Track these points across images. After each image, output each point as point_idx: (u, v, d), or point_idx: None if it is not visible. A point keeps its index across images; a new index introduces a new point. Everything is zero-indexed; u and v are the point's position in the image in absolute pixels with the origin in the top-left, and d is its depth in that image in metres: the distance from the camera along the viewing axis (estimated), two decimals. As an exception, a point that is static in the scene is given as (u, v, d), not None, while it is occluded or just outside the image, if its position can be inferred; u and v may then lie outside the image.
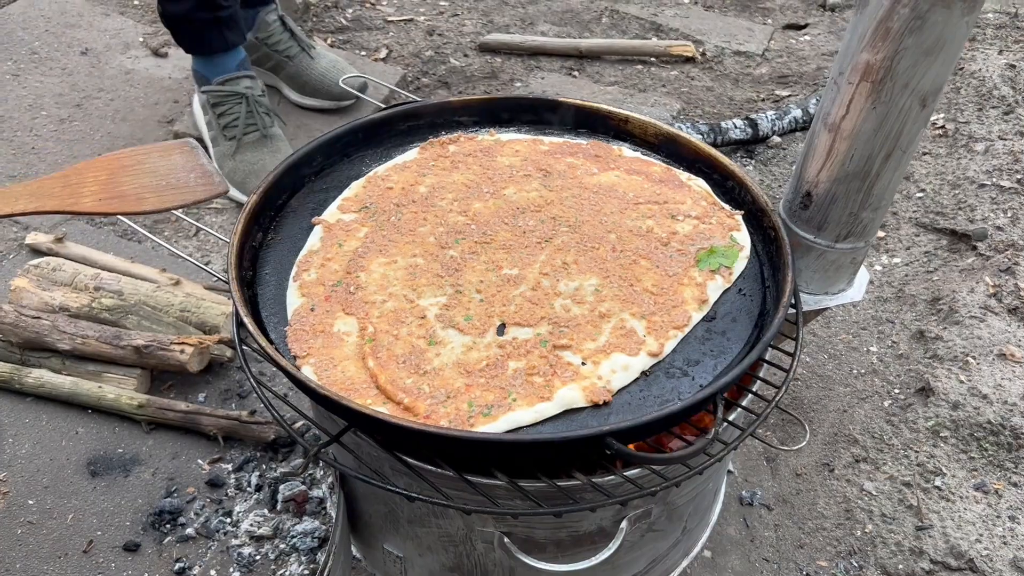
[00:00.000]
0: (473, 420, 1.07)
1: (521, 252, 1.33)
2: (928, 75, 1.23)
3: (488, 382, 1.12)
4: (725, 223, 1.40)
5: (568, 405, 1.10)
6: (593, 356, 1.16)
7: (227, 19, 2.31)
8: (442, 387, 1.12)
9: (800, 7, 3.61)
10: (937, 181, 2.43)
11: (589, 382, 1.12)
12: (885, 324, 2.06)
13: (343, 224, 1.39)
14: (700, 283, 1.29)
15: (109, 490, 1.68)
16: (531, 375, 1.13)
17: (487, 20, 3.29)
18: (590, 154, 1.55)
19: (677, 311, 1.24)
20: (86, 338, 1.82)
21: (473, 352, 1.16)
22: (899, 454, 1.75)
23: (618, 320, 1.21)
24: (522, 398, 1.10)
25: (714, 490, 1.47)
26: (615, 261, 1.31)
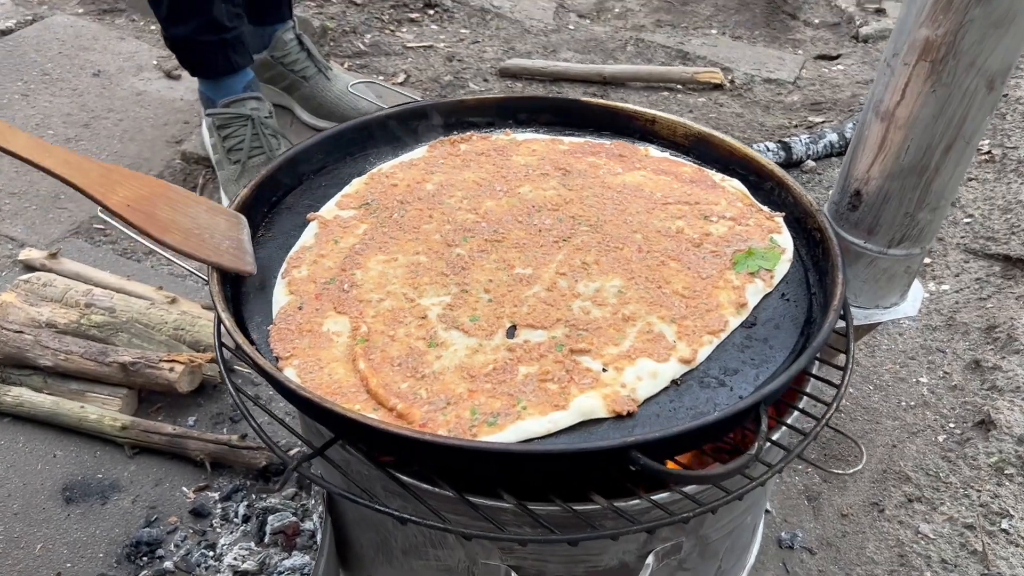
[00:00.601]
0: (476, 429, 0.92)
1: (536, 251, 1.19)
2: (997, 51, 1.09)
3: (495, 388, 0.98)
4: (764, 225, 1.26)
5: (586, 415, 0.95)
6: (616, 362, 1.01)
7: (232, 41, 2.22)
8: (441, 392, 0.97)
9: (832, 38, 3.50)
10: (986, 206, 2.28)
11: (611, 390, 0.97)
12: (935, 354, 1.89)
13: (340, 221, 1.26)
14: (738, 286, 1.14)
15: (84, 518, 1.54)
16: (544, 381, 0.98)
17: (508, 47, 3.21)
18: (614, 154, 1.42)
19: (712, 315, 1.09)
20: (70, 354, 1.70)
21: (479, 355, 1.02)
22: (958, 493, 1.57)
23: (644, 324, 1.06)
24: (533, 406, 0.95)
25: (752, 526, 1.30)
26: (641, 262, 1.17)
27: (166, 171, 2.43)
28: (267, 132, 2.29)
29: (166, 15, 2.15)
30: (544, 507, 0.96)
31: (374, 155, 1.45)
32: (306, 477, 1.11)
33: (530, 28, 3.38)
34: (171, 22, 2.16)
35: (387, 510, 0.94)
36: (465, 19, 3.38)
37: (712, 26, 3.55)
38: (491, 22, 3.38)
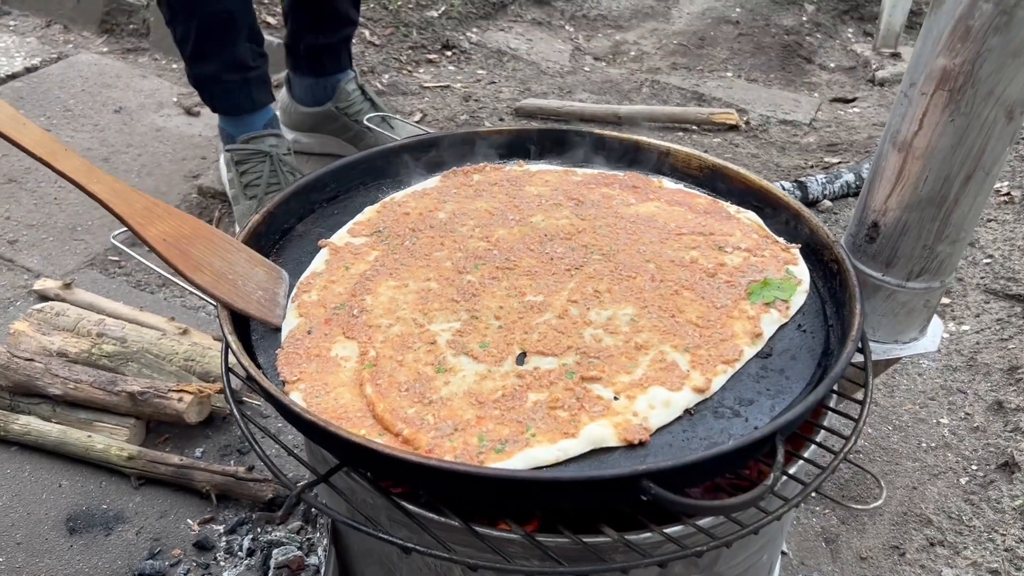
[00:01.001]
0: (484, 456, 0.90)
1: (547, 279, 1.18)
2: (1016, 81, 1.07)
3: (503, 415, 0.96)
4: (780, 256, 1.24)
5: (596, 444, 0.93)
6: (628, 390, 0.99)
7: (255, 80, 2.25)
8: (449, 418, 0.95)
9: (848, 82, 3.51)
10: (1006, 247, 2.25)
11: (622, 418, 0.95)
12: (956, 394, 1.85)
13: (352, 248, 1.25)
14: (752, 316, 1.12)
15: (87, 549, 1.51)
16: (554, 408, 0.96)
17: (524, 88, 3.23)
18: (627, 185, 1.41)
19: (726, 344, 1.07)
20: (79, 383, 1.69)
21: (488, 381, 1.00)
22: (982, 537, 1.52)
23: (657, 352, 1.04)
24: (542, 433, 0.93)
25: (768, 566, 1.26)
26: (654, 291, 1.15)
27: (182, 204, 2.44)
28: (285, 169, 2.30)
29: (191, 54, 2.17)
30: (553, 538, 0.94)
31: (387, 184, 1.44)
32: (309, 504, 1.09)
33: (546, 70, 3.40)
34: (196, 61, 2.19)
35: (391, 539, 0.91)
36: (482, 60, 3.41)
37: (728, 69, 3.57)
38: (507, 63, 3.41)
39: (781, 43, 3.73)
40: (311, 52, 2.48)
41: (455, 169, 1.45)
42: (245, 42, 2.17)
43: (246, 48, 2.18)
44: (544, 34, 3.70)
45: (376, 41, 3.35)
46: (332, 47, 2.50)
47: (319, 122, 2.61)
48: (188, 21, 2.11)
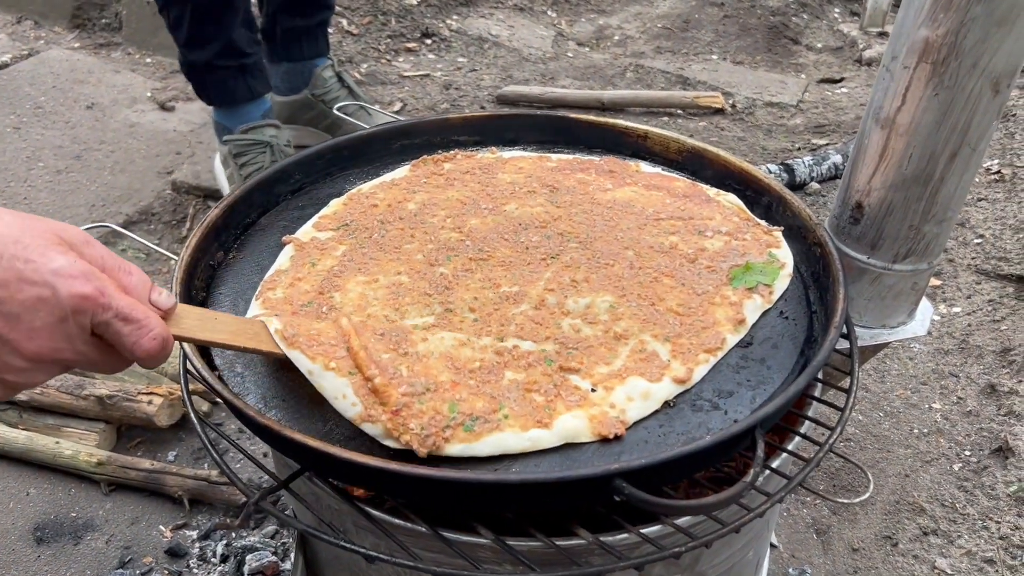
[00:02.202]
0: (451, 432, 0.86)
1: (523, 269, 1.12)
2: (1001, 51, 1.03)
3: (478, 386, 0.92)
4: (762, 240, 1.19)
5: (569, 438, 0.88)
6: (605, 381, 0.94)
7: (252, 67, 2.17)
8: (423, 375, 0.91)
9: (835, 62, 3.45)
10: (997, 226, 2.20)
11: (598, 410, 0.90)
12: (948, 378, 1.81)
13: (318, 243, 1.20)
14: (735, 302, 1.07)
15: (55, 559, 1.46)
16: (530, 391, 0.92)
17: (506, 75, 3.17)
18: (603, 170, 1.36)
19: (708, 332, 1.02)
20: (45, 388, 1.64)
21: (466, 349, 0.97)
22: (976, 525, 1.48)
23: (637, 342, 1.00)
24: (515, 417, 0.89)
25: (755, 562, 1.22)
26: (633, 279, 1.10)
27: (156, 201, 2.39)
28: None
29: (186, 39, 2.10)
30: (524, 542, 0.89)
31: (355, 175, 1.39)
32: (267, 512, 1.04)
33: (528, 56, 3.35)
34: (191, 47, 2.11)
35: (352, 547, 0.86)
36: (463, 48, 3.35)
37: (713, 52, 3.51)
38: (489, 51, 3.35)
39: (767, 24, 3.67)
40: (288, 35, 2.41)
41: (425, 157, 1.40)
42: (241, 27, 2.10)
43: (242, 33, 2.11)
44: (526, 20, 3.64)
45: (354, 30, 3.29)
46: (309, 30, 2.44)
47: (295, 111, 2.54)
48: (183, 4, 2.04)
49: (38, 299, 0.71)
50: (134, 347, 0.77)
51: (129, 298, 0.76)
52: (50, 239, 0.72)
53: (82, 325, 0.74)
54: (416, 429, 0.85)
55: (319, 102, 2.52)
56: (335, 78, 2.52)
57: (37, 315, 0.71)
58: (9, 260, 0.70)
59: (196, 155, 2.58)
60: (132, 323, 0.76)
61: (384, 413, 0.87)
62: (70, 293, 0.72)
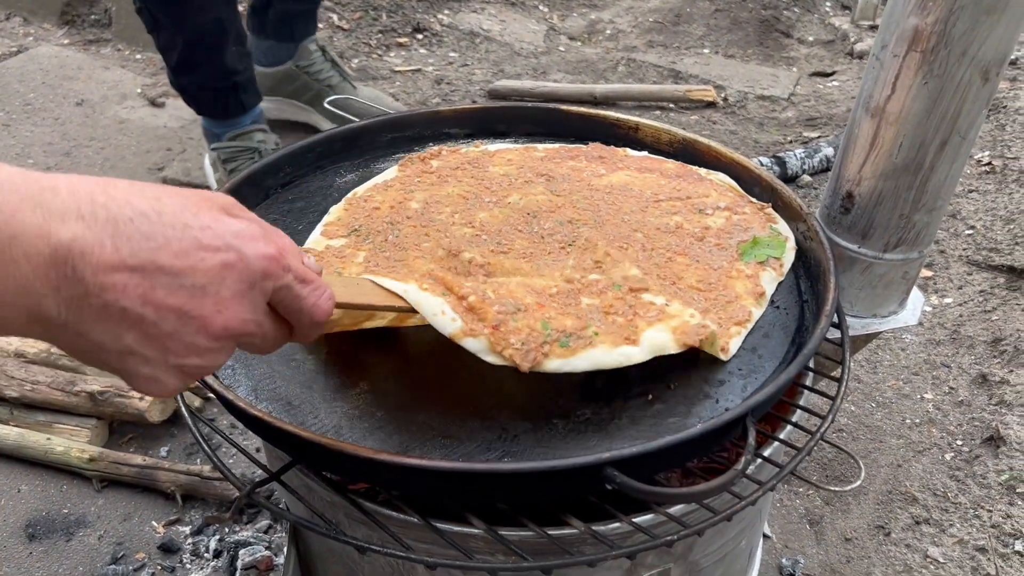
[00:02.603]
0: (548, 348, 0.87)
1: (544, 259, 1.09)
2: (990, 40, 1.03)
3: (562, 308, 0.93)
4: (760, 215, 1.20)
5: (658, 351, 0.90)
6: (677, 296, 0.98)
7: (244, 83, 2.16)
8: (509, 297, 0.91)
9: (827, 55, 3.46)
10: (988, 217, 2.21)
11: (679, 321, 0.93)
12: (940, 369, 1.81)
13: (334, 251, 1.14)
14: (751, 275, 1.08)
15: (47, 556, 1.46)
16: (608, 314, 0.94)
17: (498, 70, 3.17)
18: (593, 156, 1.35)
19: (733, 306, 1.03)
20: (36, 384, 1.63)
21: (539, 279, 0.97)
22: (968, 514, 1.48)
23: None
24: (604, 334, 0.90)
25: (748, 551, 1.22)
26: (648, 260, 1.09)
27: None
28: None
29: (176, 64, 2.08)
30: (516, 532, 0.89)
31: (345, 168, 1.39)
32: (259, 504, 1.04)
33: (520, 51, 3.34)
34: (181, 72, 2.10)
35: (344, 538, 0.86)
36: (454, 43, 3.35)
37: (704, 46, 3.51)
38: (480, 45, 3.35)
39: (758, 18, 3.67)
40: (282, 17, 2.39)
41: (411, 156, 1.39)
42: (232, 46, 2.09)
43: (233, 53, 2.09)
44: (517, 14, 3.63)
45: (345, 25, 3.28)
46: (304, 13, 2.44)
47: (277, 83, 2.52)
48: (175, 32, 2.02)
49: (224, 265, 0.64)
50: (313, 309, 0.71)
51: (300, 260, 0.71)
52: (212, 206, 0.66)
53: (265, 291, 0.68)
54: (516, 344, 0.85)
55: (303, 73, 2.51)
56: (319, 52, 2.53)
57: (224, 284, 0.64)
58: (183, 229, 0.62)
59: (187, 151, 2.57)
60: (309, 284, 0.71)
61: (485, 327, 0.87)
62: (257, 254, 0.65)
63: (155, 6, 1.97)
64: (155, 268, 0.61)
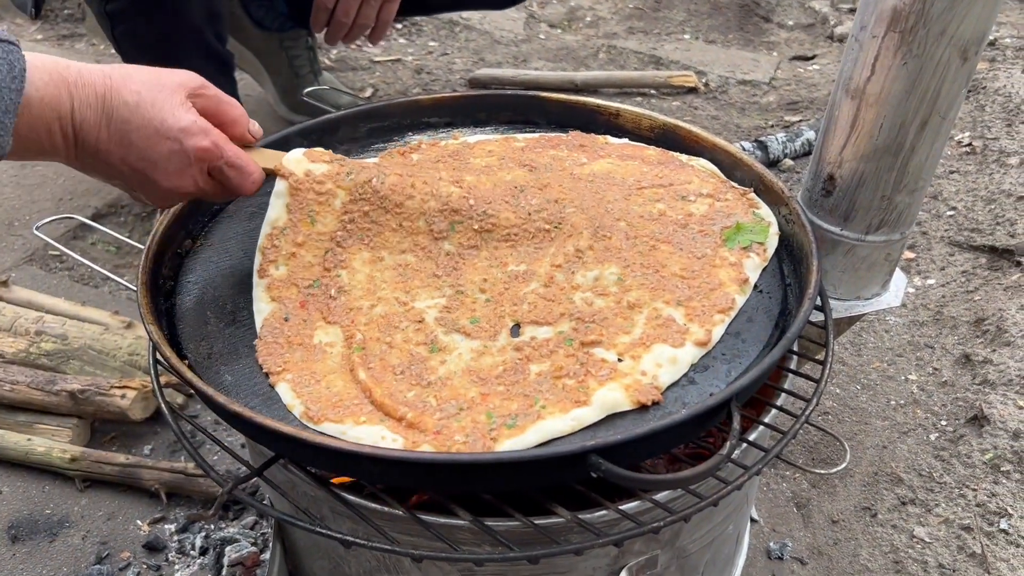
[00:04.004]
0: (495, 433, 0.85)
1: (528, 245, 1.10)
2: (968, 19, 1.02)
3: (508, 390, 0.91)
4: (742, 200, 1.20)
5: (611, 409, 0.89)
6: (631, 351, 0.95)
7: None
8: (452, 399, 0.90)
9: (807, 39, 3.45)
10: (969, 198, 2.22)
11: (631, 379, 0.91)
12: (924, 350, 1.82)
13: (314, 181, 1.08)
14: (735, 262, 1.08)
15: (30, 557, 1.44)
16: (559, 377, 0.92)
17: (478, 58, 3.15)
18: (573, 145, 1.34)
19: (716, 294, 1.03)
20: (15, 384, 1.61)
21: (486, 357, 0.95)
22: (954, 494, 1.49)
23: (651, 309, 1.00)
24: (552, 404, 0.88)
25: (735, 536, 1.22)
26: (632, 249, 1.10)
27: (124, 195, 2.34)
28: None
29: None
30: (503, 522, 0.89)
31: (324, 160, 1.37)
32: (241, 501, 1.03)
33: (500, 39, 3.32)
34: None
35: (327, 532, 0.86)
36: (433, 32, 3.33)
37: (685, 31, 3.50)
38: (460, 34, 3.33)
39: (738, 3, 3.67)
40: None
41: (391, 151, 1.36)
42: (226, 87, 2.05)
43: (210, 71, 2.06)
44: (497, 3, 3.61)
45: (323, 17, 3.25)
46: None
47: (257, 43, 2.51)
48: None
49: (170, 151, 0.94)
50: (239, 187, 1.03)
51: (235, 148, 1.01)
52: (177, 93, 0.95)
53: (202, 169, 0.99)
54: (461, 440, 0.84)
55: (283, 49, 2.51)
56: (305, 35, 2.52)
57: (170, 162, 0.95)
58: (148, 120, 0.92)
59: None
60: (236, 168, 1.01)
61: (427, 436, 0.85)
62: (193, 146, 0.95)
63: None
64: (128, 143, 0.93)
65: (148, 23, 1.84)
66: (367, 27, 1.98)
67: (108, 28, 1.88)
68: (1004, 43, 3.05)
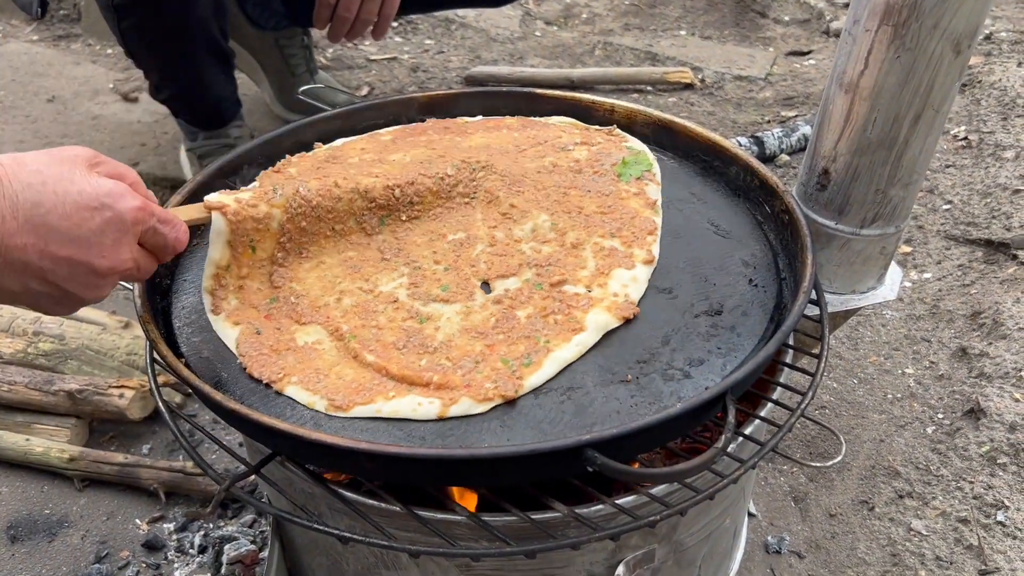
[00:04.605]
0: (519, 373, 0.90)
1: (456, 215, 1.15)
2: (961, 12, 1.03)
3: (508, 336, 0.96)
4: (612, 140, 1.32)
5: (604, 328, 0.97)
6: (595, 281, 1.03)
7: (227, 104, 2.13)
8: (464, 356, 0.93)
9: (802, 34, 3.46)
10: (965, 192, 2.22)
11: (608, 302, 1.00)
12: (920, 343, 1.82)
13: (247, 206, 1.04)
14: (638, 192, 1.19)
15: (30, 557, 1.45)
16: (546, 315, 0.98)
17: (474, 56, 3.15)
18: (440, 129, 1.36)
19: (638, 220, 1.13)
20: (13, 385, 1.61)
21: (473, 315, 0.99)
22: (951, 486, 1.49)
23: (592, 244, 1.08)
24: (554, 337, 0.95)
25: (733, 530, 1.23)
26: (548, 200, 1.16)
27: (122, 194, 2.34)
28: None
29: (156, 83, 2.06)
30: (499, 517, 0.89)
31: (319, 158, 1.37)
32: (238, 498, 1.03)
33: (496, 36, 3.32)
34: (162, 89, 2.07)
35: (325, 528, 0.86)
36: (429, 30, 3.33)
37: (681, 27, 3.50)
38: (456, 32, 3.33)
39: (734, -1, 3.67)
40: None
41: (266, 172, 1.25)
42: (219, 74, 2.05)
43: (219, 79, 2.06)
44: None
45: (319, 16, 3.25)
46: None
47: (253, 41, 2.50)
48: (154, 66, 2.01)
49: (103, 221, 0.81)
50: (176, 242, 0.92)
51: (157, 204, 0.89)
52: (78, 164, 0.82)
53: (136, 234, 0.86)
54: (492, 386, 0.88)
55: (278, 47, 2.51)
56: (301, 35, 2.52)
57: (105, 235, 0.82)
58: (63, 195, 0.78)
59: (161, 146, 2.54)
60: (168, 223, 0.90)
61: (459, 391, 0.89)
62: (128, 208, 0.83)
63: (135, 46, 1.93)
64: (47, 229, 0.78)
65: (155, 16, 1.84)
66: (370, 23, 1.98)
67: (114, 22, 1.88)
68: (999, 37, 3.05)
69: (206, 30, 1.91)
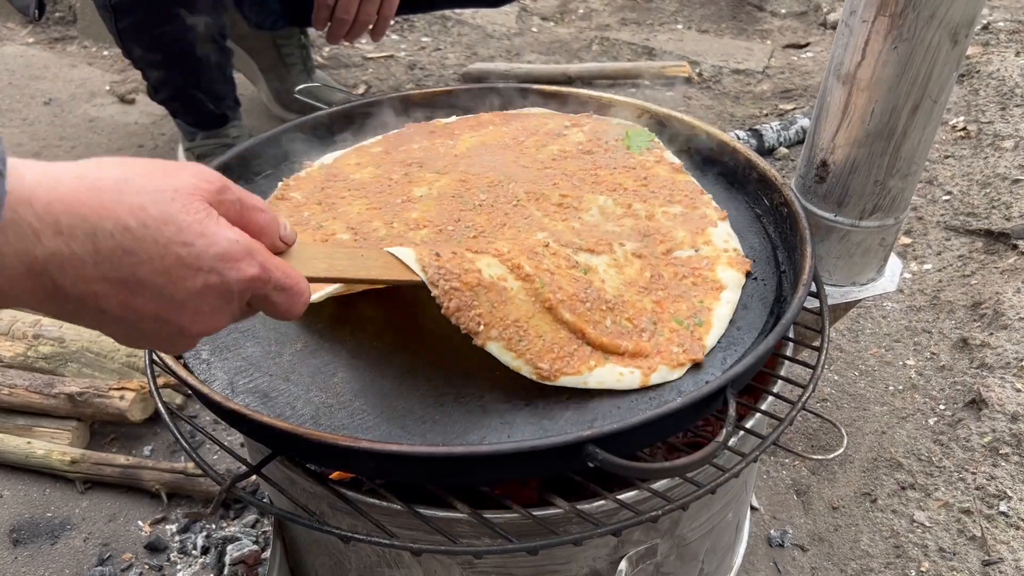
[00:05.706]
0: (697, 334, 0.94)
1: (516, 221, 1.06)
2: (958, 2, 1.02)
3: (668, 293, 0.99)
4: (597, 121, 1.33)
5: (739, 284, 1.02)
6: (696, 241, 1.05)
7: (227, 103, 2.12)
8: (639, 315, 0.94)
9: (800, 27, 3.45)
10: (964, 182, 2.22)
11: (725, 256, 1.03)
12: (921, 335, 1.82)
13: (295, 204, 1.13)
14: (658, 159, 1.21)
15: (32, 560, 1.45)
16: (683, 279, 1.00)
17: (471, 53, 3.14)
18: (426, 133, 1.33)
19: (679, 184, 1.16)
20: (14, 388, 1.61)
21: (627, 268, 1.00)
22: (953, 477, 1.49)
23: (662, 213, 1.10)
24: (705, 296, 0.98)
25: (735, 524, 1.23)
26: (584, 184, 1.15)
27: (120, 195, 2.34)
28: None
29: (155, 84, 2.06)
30: (501, 514, 0.89)
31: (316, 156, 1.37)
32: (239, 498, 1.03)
33: (492, 33, 3.32)
34: (160, 90, 2.07)
35: (326, 528, 0.86)
36: (426, 27, 3.32)
37: (678, 21, 3.50)
38: (452, 29, 3.32)
39: (730, -8, 3.66)
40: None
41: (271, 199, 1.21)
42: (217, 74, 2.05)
43: (218, 78, 2.06)
44: (489, -3, 3.60)
45: (315, 14, 3.24)
46: None
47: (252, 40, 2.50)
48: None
49: (206, 286, 0.65)
50: (287, 314, 0.73)
51: (280, 264, 0.71)
52: (194, 200, 0.64)
53: (243, 301, 0.69)
54: (679, 351, 0.91)
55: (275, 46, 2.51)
56: (298, 32, 2.53)
57: (204, 301, 0.66)
58: (165, 246, 0.62)
59: (159, 147, 2.54)
60: (285, 291, 0.71)
61: (653, 359, 0.91)
62: (240, 278, 0.66)
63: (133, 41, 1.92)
64: (136, 282, 0.62)
65: (153, 16, 1.84)
66: (368, 24, 1.97)
67: (111, 22, 1.87)
68: (997, 27, 3.04)
69: (204, 30, 1.90)
